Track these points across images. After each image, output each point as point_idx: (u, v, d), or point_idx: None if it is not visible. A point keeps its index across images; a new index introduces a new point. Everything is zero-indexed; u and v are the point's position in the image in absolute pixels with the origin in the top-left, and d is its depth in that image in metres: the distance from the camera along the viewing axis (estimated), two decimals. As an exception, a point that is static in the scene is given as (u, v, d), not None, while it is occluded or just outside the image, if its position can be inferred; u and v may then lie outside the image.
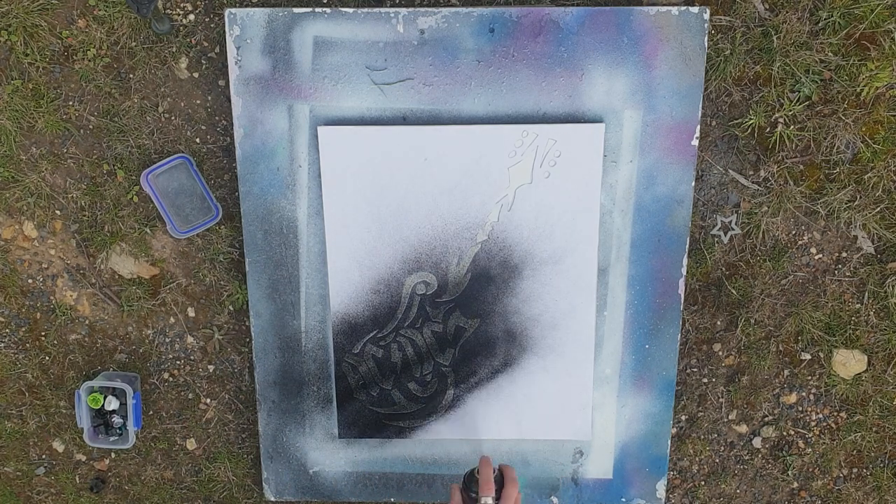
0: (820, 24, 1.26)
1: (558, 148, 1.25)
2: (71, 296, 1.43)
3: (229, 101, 1.29)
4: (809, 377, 1.45)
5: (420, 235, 1.30)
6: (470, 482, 1.06)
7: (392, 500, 1.46)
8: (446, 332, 1.34)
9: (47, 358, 1.47)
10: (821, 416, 1.48)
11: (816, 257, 1.39)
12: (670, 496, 1.53)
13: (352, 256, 1.31)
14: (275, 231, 1.32)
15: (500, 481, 1.05)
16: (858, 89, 1.28)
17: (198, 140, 1.34)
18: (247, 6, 1.27)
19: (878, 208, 1.34)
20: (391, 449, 1.43)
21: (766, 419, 1.48)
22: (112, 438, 1.45)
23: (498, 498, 1.02)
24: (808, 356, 1.44)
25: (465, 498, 1.05)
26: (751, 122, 1.30)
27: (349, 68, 1.24)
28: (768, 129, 1.32)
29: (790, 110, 1.29)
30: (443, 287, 1.32)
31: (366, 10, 1.22)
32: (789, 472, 1.50)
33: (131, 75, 1.31)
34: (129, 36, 1.29)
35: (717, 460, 1.51)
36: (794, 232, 1.37)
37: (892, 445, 1.48)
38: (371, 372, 1.37)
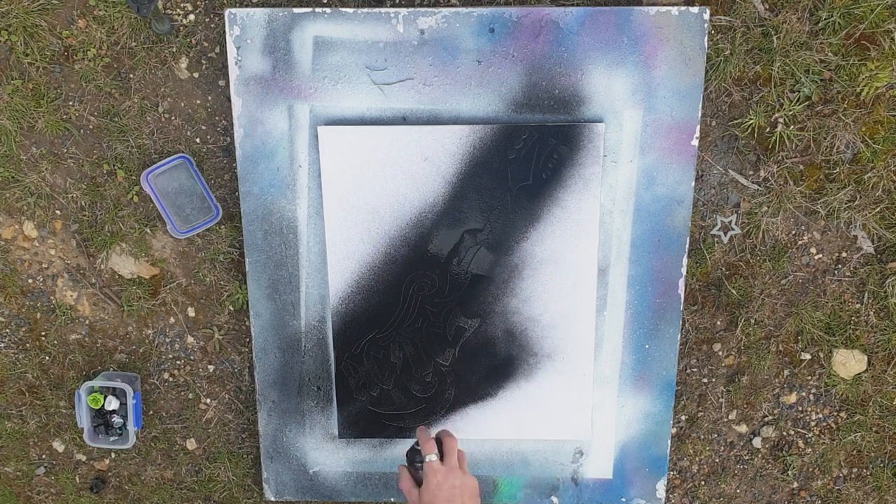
0: (820, 24, 1.26)
1: (558, 148, 1.25)
2: (71, 296, 1.43)
3: (229, 101, 1.29)
4: (809, 377, 1.45)
5: (420, 235, 1.30)
6: (413, 456, 1.07)
7: (392, 500, 1.46)
8: (446, 332, 1.34)
9: (47, 358, 1.47)
10: (821, 416, 1.48)
11: (816, 257, 1.39)
12: (670, 496, 1.53)
13: (352, 256, 1.31)
14: (275, 231, 1.32)
15: (440, 442, 1.06)
16: (858, 89, 1.28)
17: (198, 140, 1.34)
18: (247, 6, 1.27)
19: (878, 208, 1.34)
20: (391, 449, 1.43)
21: (766, 419, 1.48)
22: (112, 438, 1.45)
23: (442, 455, 1.03)
24: (808, 356, 1.44)
25: (413, 473, 1.06)
26: (751, 122, 1.30)
27: (349, 68, 1.24)
28: (768, 129, 1.32)
29: (790, 110, 1.29)
30: (443, 287, 1.32)
31: (366, 10, 1.22)
32: (789, 472, 1.50)
33: (131, 75, 1.31)
34: (129, 36, 1.29)
35: (717, 460, 1.51)
36: (794, 232, 1.37)
37: (892, 445, 1.48)
38: (371, 372, 1.37)
